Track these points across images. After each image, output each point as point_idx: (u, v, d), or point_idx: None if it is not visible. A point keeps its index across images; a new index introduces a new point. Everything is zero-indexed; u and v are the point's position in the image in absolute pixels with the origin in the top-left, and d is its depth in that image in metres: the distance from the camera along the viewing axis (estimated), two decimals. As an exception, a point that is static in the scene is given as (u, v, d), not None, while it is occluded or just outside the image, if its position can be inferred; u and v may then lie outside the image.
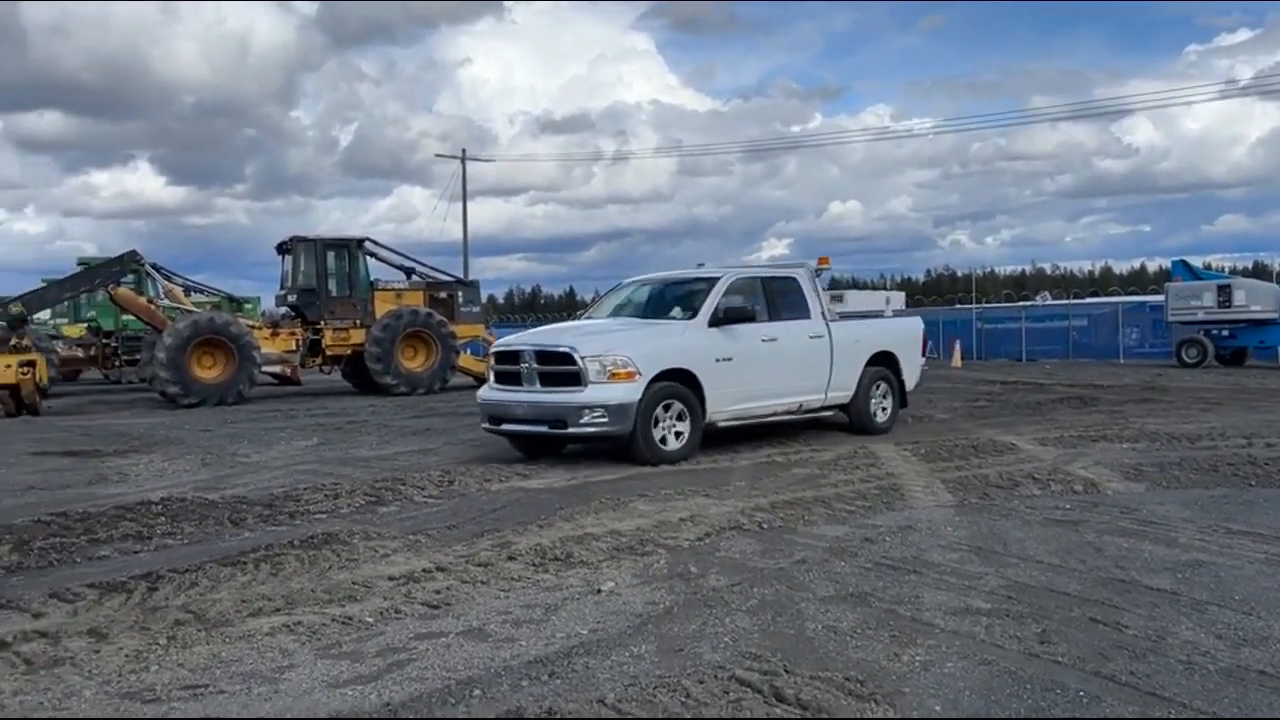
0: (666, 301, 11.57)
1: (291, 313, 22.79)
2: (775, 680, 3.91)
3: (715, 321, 10.61)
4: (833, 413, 12.18)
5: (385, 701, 3.84)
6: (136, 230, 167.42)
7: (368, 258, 23.14)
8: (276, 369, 24.16)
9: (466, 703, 3.82)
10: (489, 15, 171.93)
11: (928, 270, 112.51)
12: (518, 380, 10.43)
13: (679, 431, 10.14)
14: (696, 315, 10.69)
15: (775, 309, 11.43)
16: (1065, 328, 35.50)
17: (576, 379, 9.86)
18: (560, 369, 10.03)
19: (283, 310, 23.36)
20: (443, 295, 24.02)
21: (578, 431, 9.89)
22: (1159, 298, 31.70)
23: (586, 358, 9.81)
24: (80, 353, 27.12)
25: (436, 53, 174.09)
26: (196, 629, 4.79)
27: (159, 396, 20.18)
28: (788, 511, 7.33)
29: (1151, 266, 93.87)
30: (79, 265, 25.60)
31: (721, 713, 3.65)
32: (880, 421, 12.31)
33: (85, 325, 28.18)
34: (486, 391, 10.94)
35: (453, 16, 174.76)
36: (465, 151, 54.32)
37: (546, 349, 10.31)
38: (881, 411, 12.40)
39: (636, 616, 4.86)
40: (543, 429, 10.16)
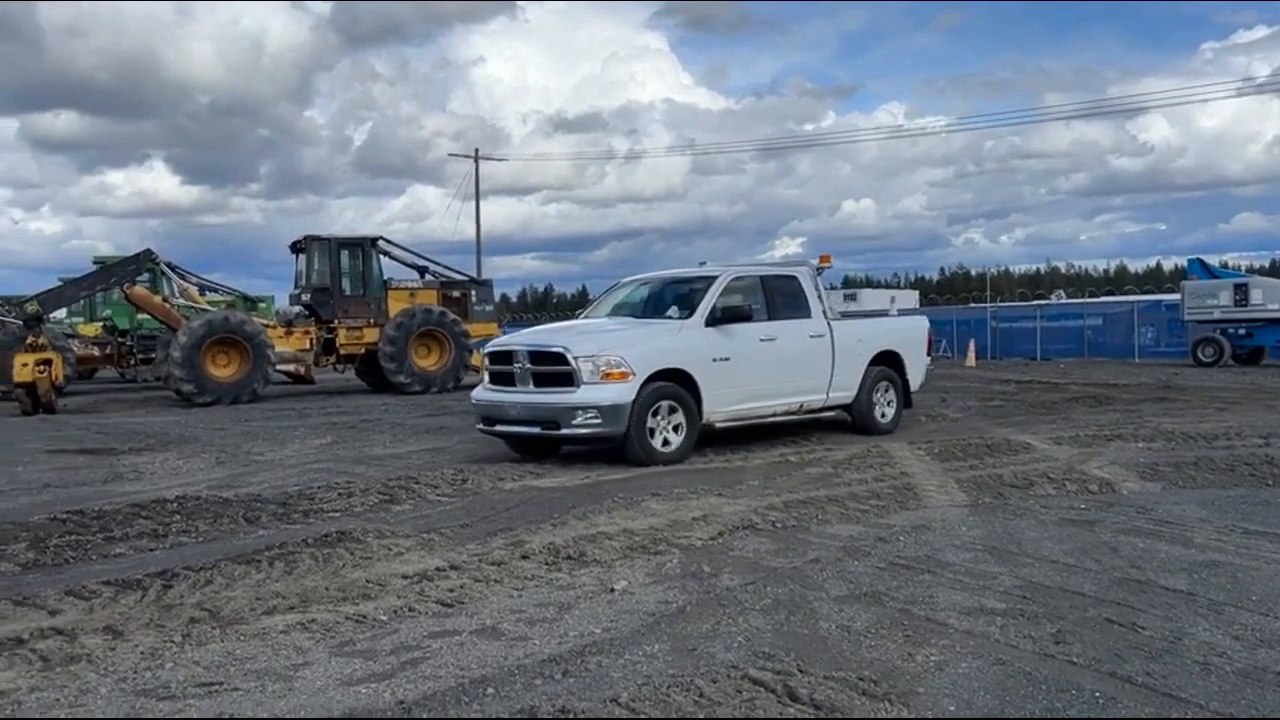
0: (665, 301, 11.45)
1: (305, 311, 22.86)
2: (789, 680, 3.90)
3: (712, 321, 10.51)
4: (834, 413, 12.06)
5: (399, 700, 3.85)
6: (152, 229, 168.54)
7: (381, 257, 23.19)
8: (290, 368, 24.23)
9: (480, 701, 3.82)
10: (502, 15, 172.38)
11: (942, 269, 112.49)
12: (511, 381, 10.36)
13: (675, 432, 10.01)
14: (693, 315, 10.58)
15: (775, 308, 11.29)
16: (1080, 327, 35.33)
17: (569, 379, 9.78)
18: (553, 369, 9.95)
19: (297, 309, 23.44)
20: (456, 294, 24.05)
21: (570, 433, 9.80)
22: (1175, 296, 31.55)
23: (580, 358, 9.72)
24: (96, 351, 27.23)
25: (450, 52, 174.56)
26: (211, 626, 4.81)
27: (174, 395, 20.26)
28: (801, 511, 7.32)
29: (1167, 265, 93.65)
30: (95, 264, 25.70)
31: (735, 712, 3.65)
32: (884, 422, 12.16)
33: (101, 324, 28.31)
34: (481, 392, 10.87)
35: (466, 16, 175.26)
36: (478, 151, 54.65)
37: (539, 349, 10.24)
38: (885, 412, 12.25)
39: (650, 615, 4.86)
40: (535, 430, 10.09)
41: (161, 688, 4.03)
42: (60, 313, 25.92)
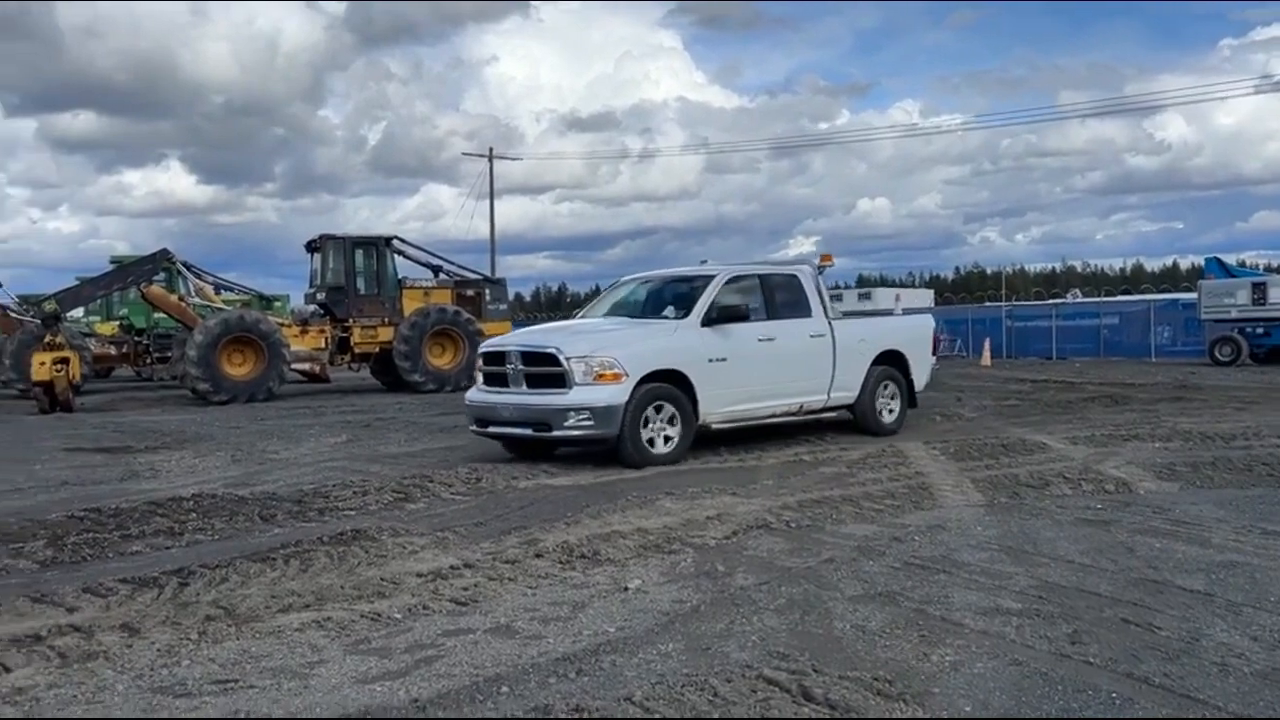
0: (663, 300, 11.30)
1: (320, 310, 22.96)
2: (803, 680, 3.89)
3: (709, 321, 10.37)
4: (836, 413, 11.87)
5: (414, 698, 3.86)
6: (168, 229, 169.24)
7: (396, 256, 23.28)
8: (305, 366, 24.31)
9: (494, 699, 3.82)
10: (516, 14, 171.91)
11: (957, 268, 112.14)
12: (504, 382, 10.25)
13: (669, 435, 9.89)
14: (689, 315, 10.44)
15: (774, 308, 11.16)
16: (1096, 326, 35.13)
17: (562, 380, 9.66)
18: (545, 370, 9.84)
19: (312, 308, 23.53)
20: (470, 293, 24.12)
21: (562, 435, 9.70)
22: (1192, 295, 31.37)
23: (572, 359, 9.60)
24: (113, 350, 27.40)
25: (464, 51, 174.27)
26: (227, 624, 4.83)
27: (190, 393, 20.36)
28: (815, 510, 7.31)
29: (1184, 264, 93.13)
30: (112, 263, 25.86)
31: (749, 712, 3.64)
32: (887, 422, 11.99)
33: (118, 323, 28.47)
34: (474, 393, 10.78)
35: (480, 15, 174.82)
36: (492, 150, 54.72)
37: (531, 349, 10.13)
38: (889, 412, 12.09)
39: (664, 615, 4.86)
40: (528, 432, 10.00)
41: (178, 685, 4.05)
42: (77, 312, 26.08)
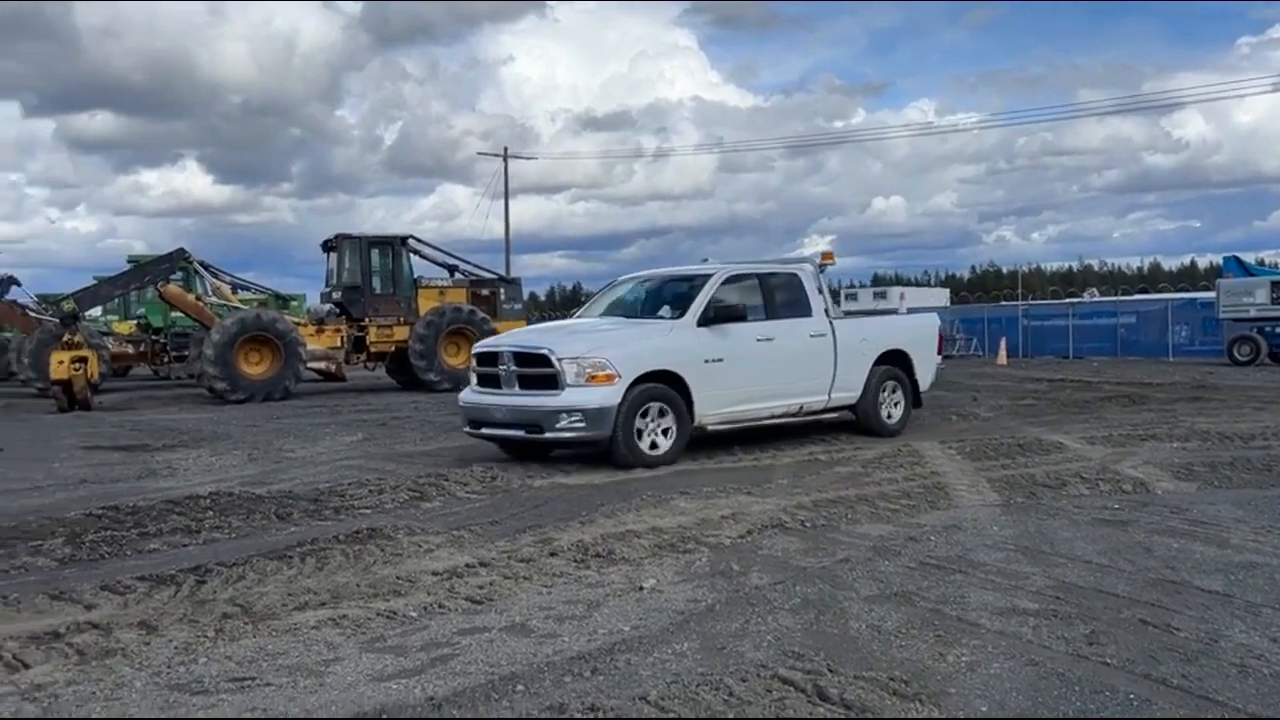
0: (659, 300, 11.18)
1: (336, 310, 23.03)
2: (819, 679, 3.89)
3: (705, 320, 10.24)
4: (837, 414, 11.71)
5: (429, 696, 3.87)
6: (185, 228, 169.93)
7: (411, 255, 23.33)
8: (321, 365, 24.43)
9: (510, 698, 3.83)
10: (531, 14, 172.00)
11: (973, 267, 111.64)
12: (497, 383, 10.15)
13: (664, 435, 9.76)
14: (685, 314, 10.31)
15: (773, 307, 11.02)
16: (1113, 325, 34.92)
17: (554, 382, 9.54)
18: (537, 371, 9.73)
19: (328, 307, 23.60)
20: (485, 292, 24.17)
21: (554, 436, 9.56)
22: (1210, 294, 31.18)
23: (564, 359, 9.49)
24: (130, 349, 27.55)
25: (479, 51, 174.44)
26: (244, 622, 4.85)
27: (207, 392, 20.45)
28: (830, 510, 7.29)
29: (1202, 262, 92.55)
30: (129, 263, 25.99)
31: (765, 711, 3.64)
32: (891, 423, 11.81)
33: (135, 322, 28.63)
34: (467, 394, 10.66)
35: (495, 15, 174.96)
36: (507, 149, 55.08)
37: (524, 350, 10.03)
38: (892, 412, 11.90)
39: (678, 614, 4.85)
40: (520, 433, 9.87)
41: (195, 682, 4.07)
42: (95, 311, 26.25)
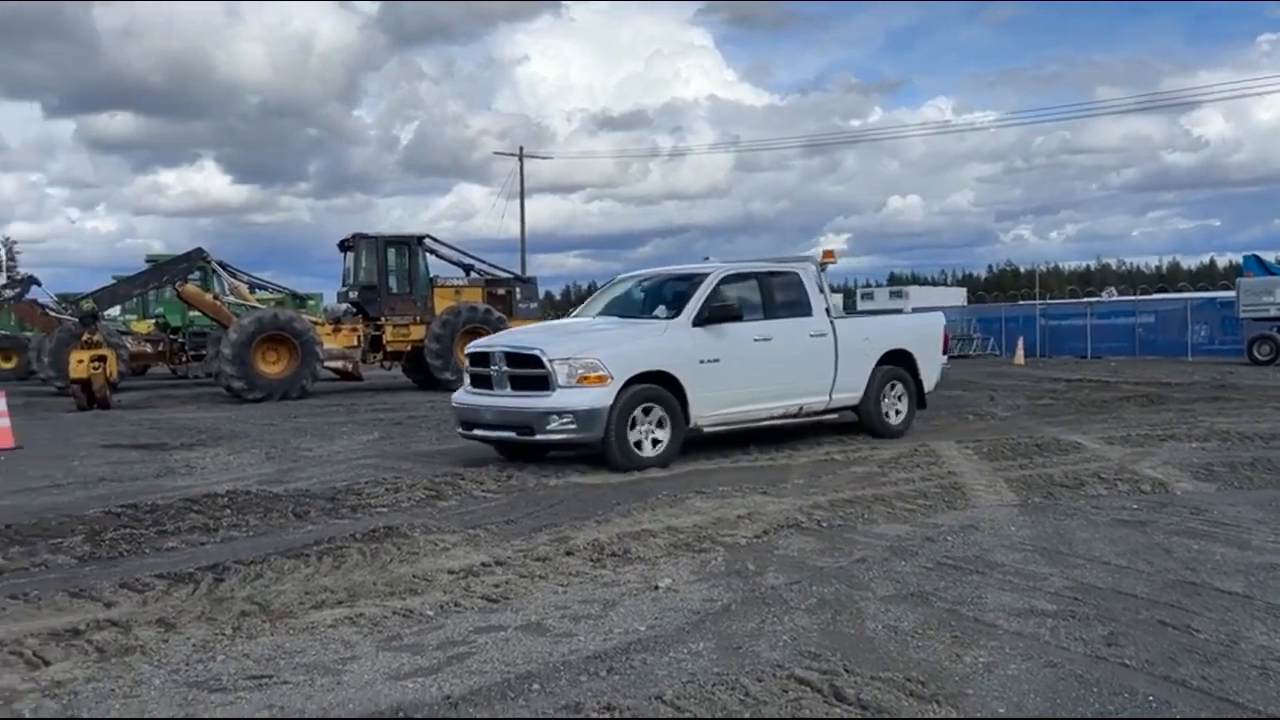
0: (656, 299, 11.06)
1: (353, 309, 23.13)
2: (835, 680, 3.88)
3: (701, 320, 10.08)
4: (837, 415, 11.55)
5: (446, 694, 3.88)
6: (203, 228, 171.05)
7: (428, 255, 23.41)
8: (338, 365, 24.52)
9: (526, 697, 3.83)
10: (547, 13, 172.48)
11: (990, 266, 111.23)
12: (489, 383, 10.06)
13: (657, 438, 9.64)
14: (680, 314, 10.16)
15: (772, 306, 10.86)
16: (1132, 324, 34.71)
17: (545, 383, 9.44)
18: (529, 372, 9.62)
19: (344, 307, 23.70)
20: (501, 292, 24.23)
21: (545, 439, 9.47)
22: (1229, 294, 30.98)
23: (555, 360, 9.38)
24: (149, 348, 27.72)
25: (495, 51, 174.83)
26: (261, 620, 4.87)
27: (224, 391, 20.56)
28: (847, 510, 7.27)
29: (1221, 261, 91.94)
30: (148, 263, 26.13)
31: (781, 712, 3.63)
32: (894, 424, 11.66)
33: (154, 321, 28.79)
34: (460, 394, 10.58)
35: (511, 15, 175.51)
36: (523, 149, 55.15)
37: (515, 350, 9.91)
38: (895, 413, 11.75)
39: (694, 614, 4.85)
40: (510, 435, 9.79)
41: (213, 680, 4.09)
42: (114, 310, 26.41)
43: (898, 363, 11.86)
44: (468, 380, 10.58)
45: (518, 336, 10.91)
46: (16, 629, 4.79)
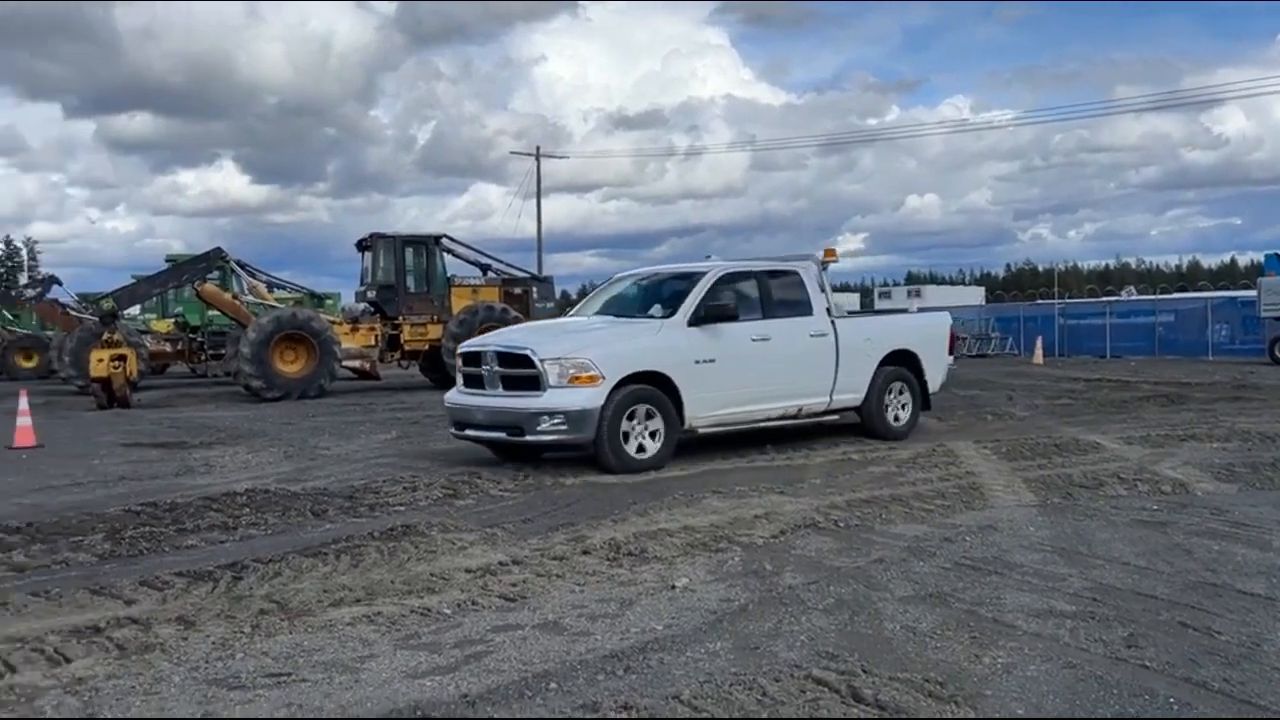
0: (653, 298, 10.92)
1: (371, 308, 23.21)
2: (853, 680, 3.86)
3: (696, 320, 9.93)
4: (838, 416, 11.40)
5: (463, 693, 3.88)
6: (221, 228, 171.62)
7: (445, 254, 23.45)
8: (356, 364, 24.58)
9: (543, 695, 3.84)
10: (564, 13, 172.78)
11: (1008, 265, 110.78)
12: (481, 383, 9.97)
13: (651, 438, 9.49)
14: (675, 313, 10.01)
15: (771, 306, 10.72)
16: (1151, 324, 34.49)
17: (535, 383, 9.32)
18: (519, 372, 9.50)
19: (362, 306, 23.79)
20: (517, 291, 24.25)
21: (536, 440, 9.35)
22: (1250, 293, 30.75)
23: (546, 360, 9.25)
24: (168, 347, 27.89)
25: (512, 51, 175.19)
26: (280, 618, 4.89)
27: (243, 390, 20.65)
28: (864, 510, 7.25)
29: (1242, 260, 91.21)
30: (167, 262, 26.27)
31: (799, 712, 3.62)
32: (897, 425, 11.45)
33: (173, 321, 28.96)
34: (452, 394, 10.49)
35: (528, 15, 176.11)
36: (539, 149, 55.22)
37: (506, 350, 9.80)
38: (899, 415, 11.54)
39: (711, 613, 4.84)
40: (501, 436, 9.70)
41: (232, 677, 4.11)
42: (134, 309, 26.57)
43: (901, 363, 11.68)
44: (460, 380, 10.49)
45: (509, 336, 10.78)
46: (38, 626, 4.83)
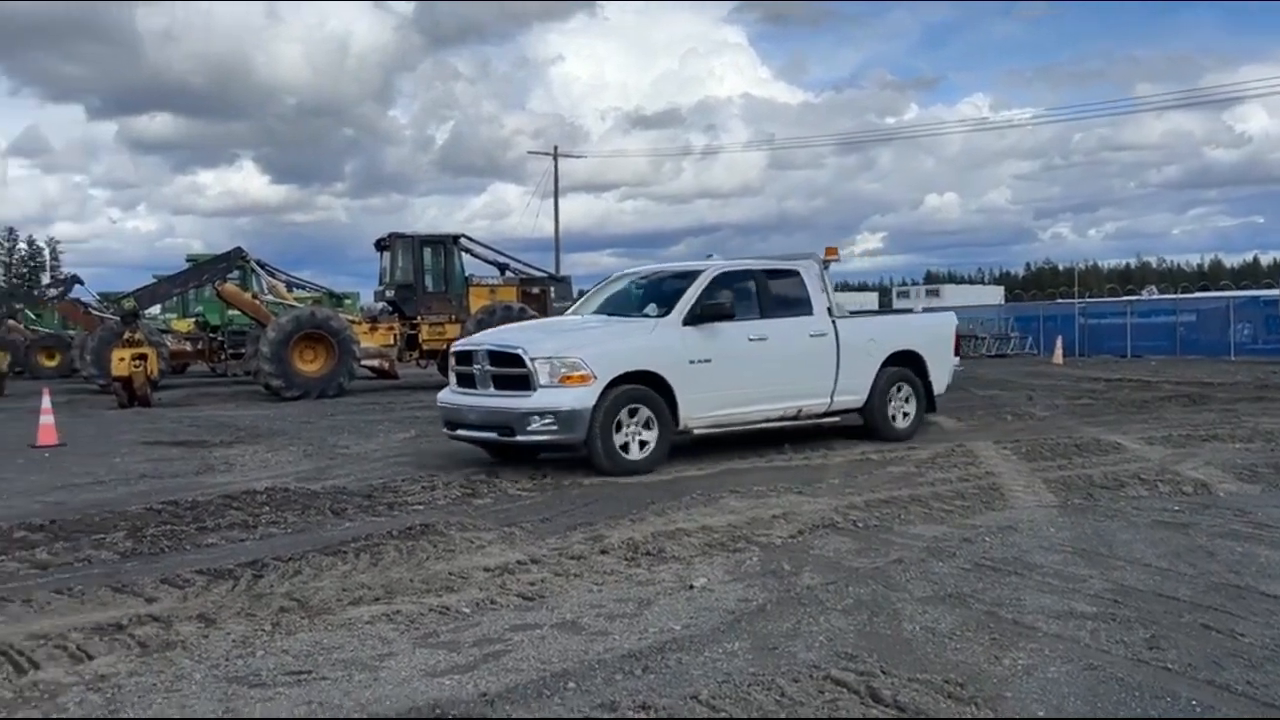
0: (650, 297, 10.78)
1: (389, 308, 23.28)
2: (872, 681, 3.85)
3: (692, 319, 9.78)
4: (839, 418, 11.25)
5: (482, 692, 3.89)
6: (241, 228, 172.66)
7: (463, 254, 23.49)
8: (375, 363, 24.64)
9: (561, 695, 3.84)
10: (581, 13, 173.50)
11: (1028, 264, 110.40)
12: (473, 382, 9.85)
13: (644, 440, 9.35)
14: (670, 312, 9.87)
15: (770, 305, 10.58)
16: (1172, 323, 34.17)
17: (526, 382, 9.20)
18: (510, 371, 9.39)
19: (381, 305, 23.87)
20: (535, 290, 24.26)
21: (526, 440, 9.25)
22: (1273, 292, 30.54)
23: (537, 359, 9.14)
24: (188, 346, 28.06)
25: (529, 51, 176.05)
26: (300, 616, 4.92)
27: (262, 389, 20.73)
28: (883, 510, 7.22)
29: (1265, 259, 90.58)
30: (187, 262, 26.44)
31: (817, 712, 3.61)
32: (901, 427, 11.28)
33: (193, 320, 29.12)
34: (445, 394, 10.36)
35: (545, 15, 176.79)
36: (557, 148, 55.04)
37: (497, 349, 9.68)
38: (902, 416, 11.36)
39: (729, 613, 4.84)
40: (492, 436, 9.61)
41: (252, 675, 4.13)
42: (155, 309, 26.71)
43: (905, 364, 11.49)
44: (453, 379, 10.39)
45: (501, 334, 10.66)
46: (61, 623, 4.87)
